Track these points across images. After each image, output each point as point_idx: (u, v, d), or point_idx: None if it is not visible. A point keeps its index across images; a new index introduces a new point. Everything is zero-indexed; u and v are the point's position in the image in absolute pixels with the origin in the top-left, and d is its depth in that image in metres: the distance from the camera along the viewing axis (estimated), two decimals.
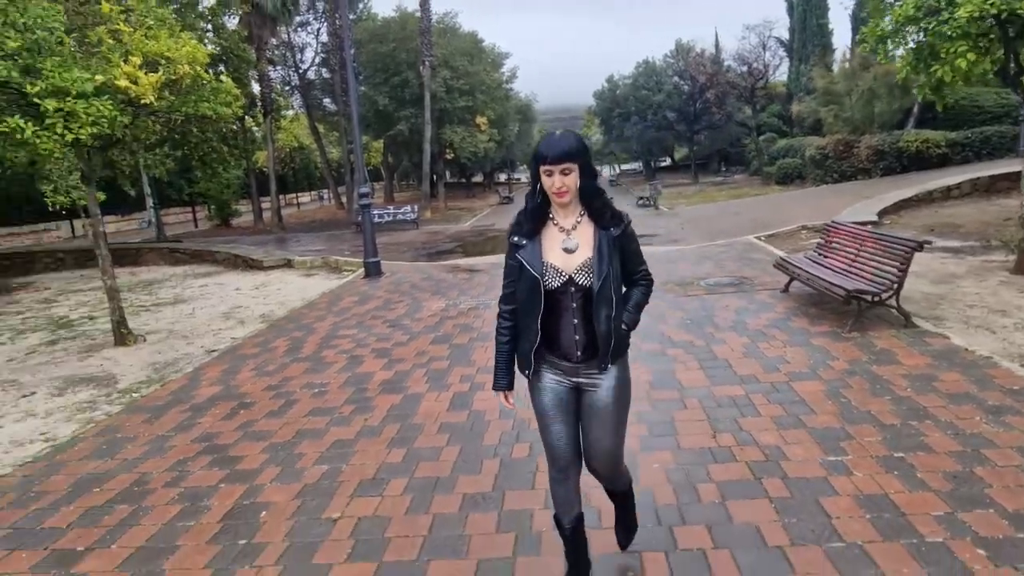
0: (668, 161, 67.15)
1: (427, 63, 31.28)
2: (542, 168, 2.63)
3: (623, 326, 2.81)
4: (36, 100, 7.61)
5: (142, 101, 8.35)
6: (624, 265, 2.81)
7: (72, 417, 6.27)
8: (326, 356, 7.47)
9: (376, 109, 34.86)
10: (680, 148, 60.43)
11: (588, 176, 2.68)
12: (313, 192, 55.78)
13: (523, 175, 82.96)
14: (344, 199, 37.76)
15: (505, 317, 2.89)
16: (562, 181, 2.62)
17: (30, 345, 9.66)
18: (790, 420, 4.83)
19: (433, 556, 3.51)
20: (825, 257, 8.34)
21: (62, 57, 7.96)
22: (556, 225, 2.76)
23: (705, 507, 3.79)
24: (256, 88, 30.12)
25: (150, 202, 28.96)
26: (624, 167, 74.97)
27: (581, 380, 2.84)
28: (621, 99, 49.88)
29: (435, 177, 37.98)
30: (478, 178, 63.02)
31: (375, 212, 25.99)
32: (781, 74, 42.30)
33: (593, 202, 2.72)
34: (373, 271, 12.95)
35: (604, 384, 2.82)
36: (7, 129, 7.47)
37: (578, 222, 2.75)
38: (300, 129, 48.26)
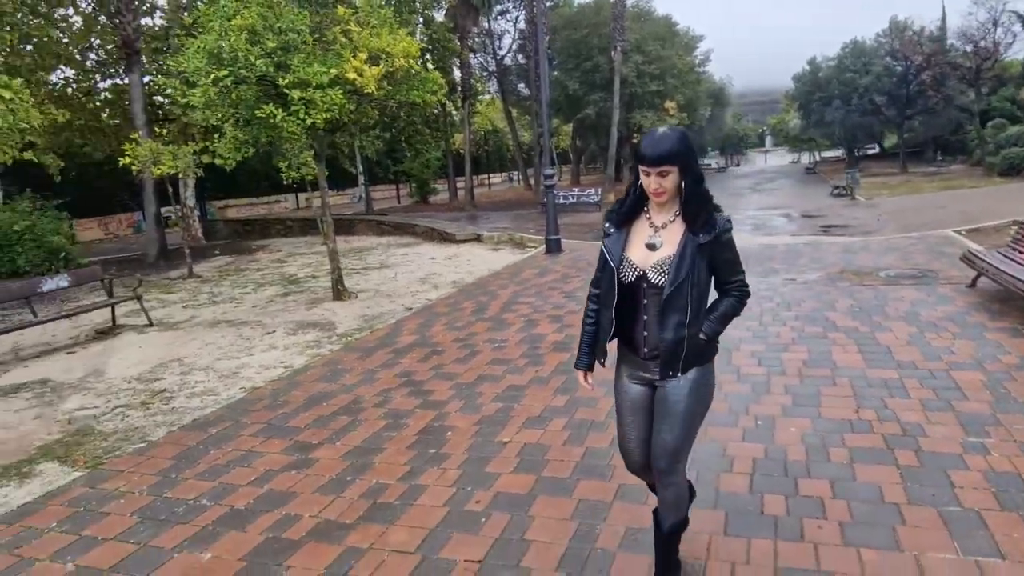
0: (876, 149, 62.18)
1: (619, 48, 31.63)
2: (640, 168, 2.63)
3: (701, 335, 2.72)
4: (285, 91, 9.19)
5: (365, 91, 9.73)
6: (716, 274, 2.73)
7: (303, 352, 7.70)
8: (507, 318, 8.41)
9: (566, 94, 35.82)
10: (890, 135, 55.76)
11: (690, 177, 2.61)
12: (504, 173, 58.23)
13: (713, 160, 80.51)
14: (532, 181, 39.25)
15: (592, 300, 2.91)
16: (659, 183, 2.60)
17: (268, 296, 11.59)
18: (939, 404, 4.96)
19: (583, 476, 4.21)
20: (1020, 253, 7.92)
21: (305, 54, 9.50)
22: (648, 220, 2.74)
23: (832, 466, 4.15)
24: (457, 74, 32.21)
25: (361, 179, 32.06)
26: (825, 154, 70.43)
27: (653, 378, 2.82)
28: (823, 82, 46.89)
29: (621, 160, 38.33)
30: None
31: (560, 194, 26.97)
32: (1015, 53, 37.66)
33: (690, 204, 2.64)
34: (554, 248, 13.83)
35: (682, 384, 2.76)
36: (263, 115, 9.13)
37: (671, 221, 2.69)
38: (494, 113, 50.54)
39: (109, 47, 20.60)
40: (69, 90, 20.88)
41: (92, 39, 20.52)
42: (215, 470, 4.65)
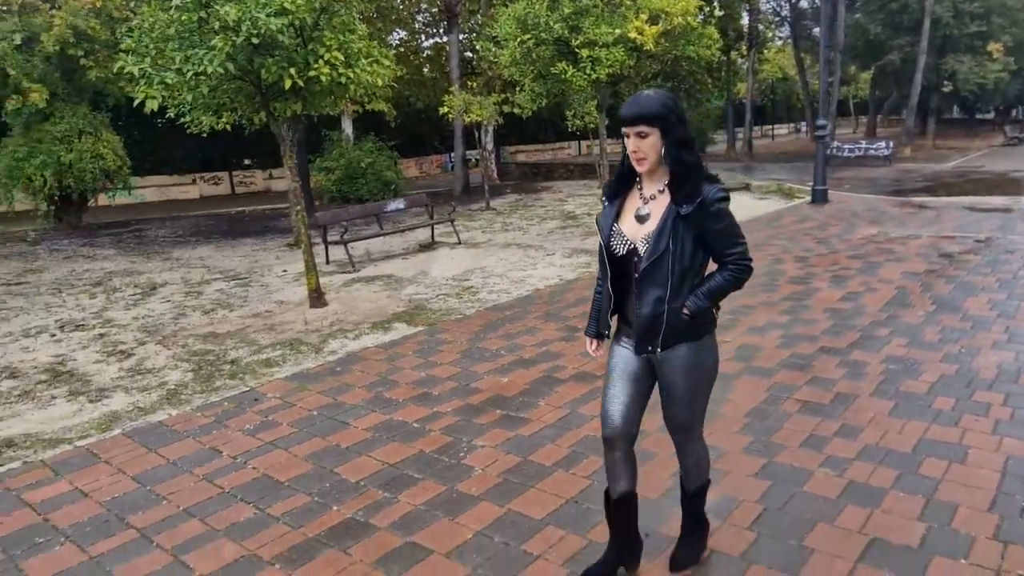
0: None
1: None
2: (621, 129, 2.55)
3: (684, 311, 2.57)
4: (576, 50, 10.79)
5: (644, 47, 10.98)
6: (710, 247, 2.59)
7: (575, 269, 9.42)
8: (755, 256, 9.29)
9: (867, 39, 33.19)
10: None
11: (674, 142, 2.50)
12: (790, 124, 55.33)
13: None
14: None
15: (600, 272, 2.85)
16: (636, 144, 2.51)
17: (550, 228, 13.58)
18: None
19: (784, 368, 5.28)
20: None
21: (595, 17, 10.97)
22: (640, 191, 2.65)
23: None
24: (745, 20, 31.58)
25: None
26: None
27: (648, 354, 2.71)
28: None
29: (926, 112, 34.72)
30: (987, 115, 54.13)
31: (845, 146, 25.75)
32: None
33: (674, 173, 2.53)
34: (819, 198, 14.00)
35: (676, 364, 2.66)
36: (556, 71, 10.84)
37: (660, 191, 2.58)
38: (785, 60, 48.11)
39: (433, 11, 24.05)
40: (401, 49, 24.84)
41: (421, 4, 24.12)
42: (509, 335, 6.50)
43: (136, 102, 7.23)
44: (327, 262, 10.82)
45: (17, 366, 6.51)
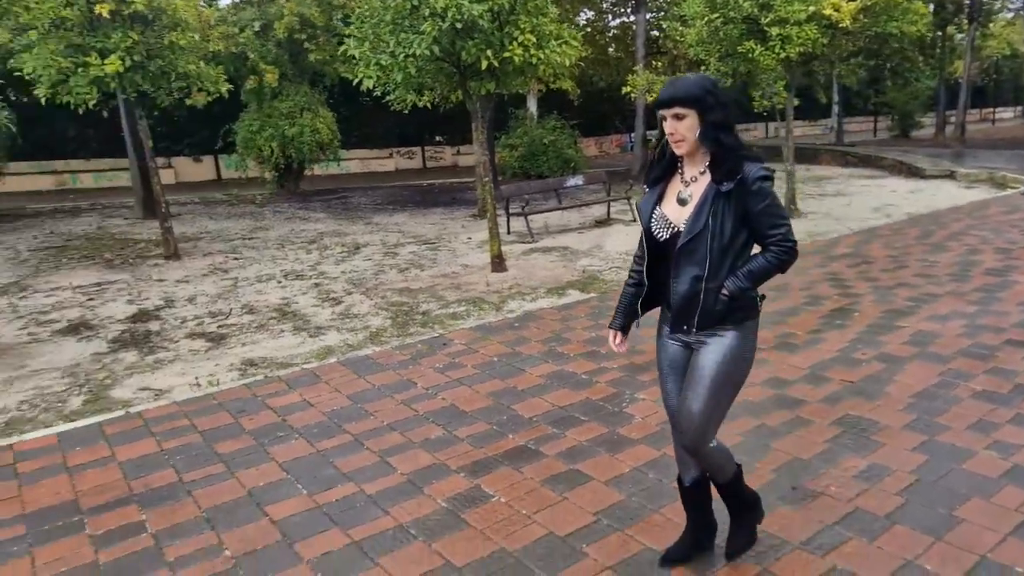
0: None
1: None
2: (659, 113, 2.56)
3: (723, 292, 2.53)
4: (765, 28, 10.58)
5: (840, 25, 10.53)
6: (754, 227, 2.54)
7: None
8: (949, 245, 8.78)
9: None
10: None
11: (712, 124, 2.48)
12: (1018, 107, 49.21)
13: None
14: None
15: (636, 261, 2.83)
16: (673, 126, 2.50)
17: None
18: None
19: (963, 357, 5.14)
20: None
21: None
22: (680, 175, 2.64)
23: None
24: None
25: (835, 110, 31.25)
26: None
27: (688, 339, 2.68)
28: None
29: None
30: None
31: None
32: None
33: (716, 153, 2.51)
34: None
35: (711, 347, 2.61)
36: (744, 50, 10.71)
37: (701, 173, 2.57)
38: (1015, 35, 42.73)
39: None
40: (588, 29, 25.19)
41: None
42: None
43: (355, 81, 8.23)
44: (508, 232, 11.55)
45: (254, 304, 7.76)
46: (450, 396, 4.83)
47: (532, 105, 20.85)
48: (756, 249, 2.62)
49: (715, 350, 2.59)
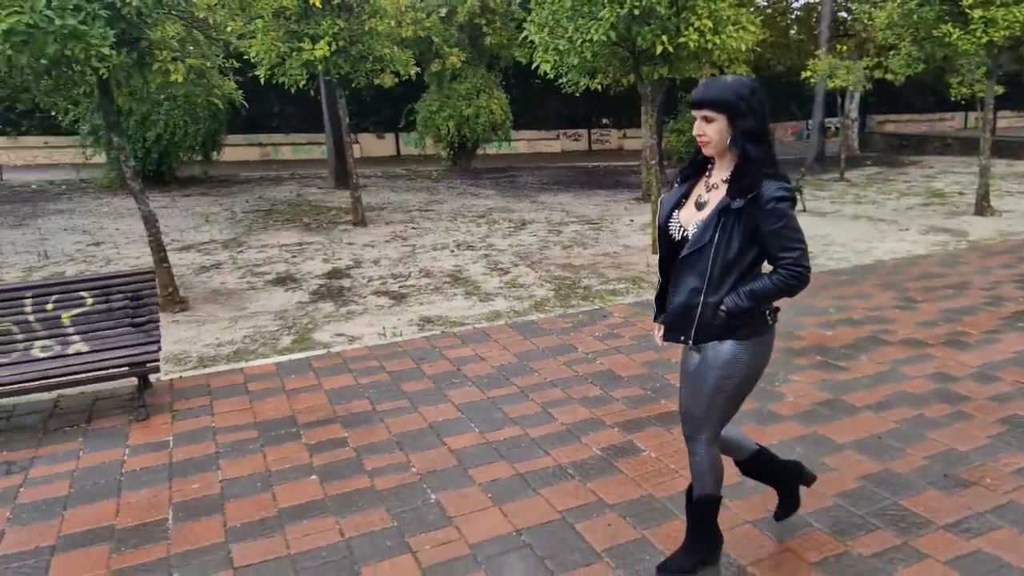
0: None
1: None
2: (692, 111, 2.53)
3: (722, 309, 2.48)
4: (966, 10, 9.85)
5: None
6: (765, 248, 2.45)
7: (928, 247, 8.93)
8: None
9: None
10: None
11: (742, 132, 2.41)
12: None
13: None
14: None
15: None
16: (701, 128, 2.46)
17: (908, 204, 12.68)
18: None
19: None
20: None
21: None
22: (707, 177, 2.59)
23: None
24: None
25: None
26: None
27: (682, 343, 2.66)
28: None
29: None
30: None
31: None
32: None
33: (739, 164, 2.46)
34: None
35: (715, 355, 2.55)
36: (940, 34, 10.05)
37: (724, 180, 2.51)
38: None
39: None
40: (769, 10, 24.22)
41: None
42: (840, 297, 6.68)
43: (534, 66, 8.70)
44: None
45: (430, 269, 8.50)
46: (607, 362, 5.18)
47: None
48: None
49: (718, 359, 2.54)
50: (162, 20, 5.87)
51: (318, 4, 9.71)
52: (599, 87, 9.73)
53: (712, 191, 2.53)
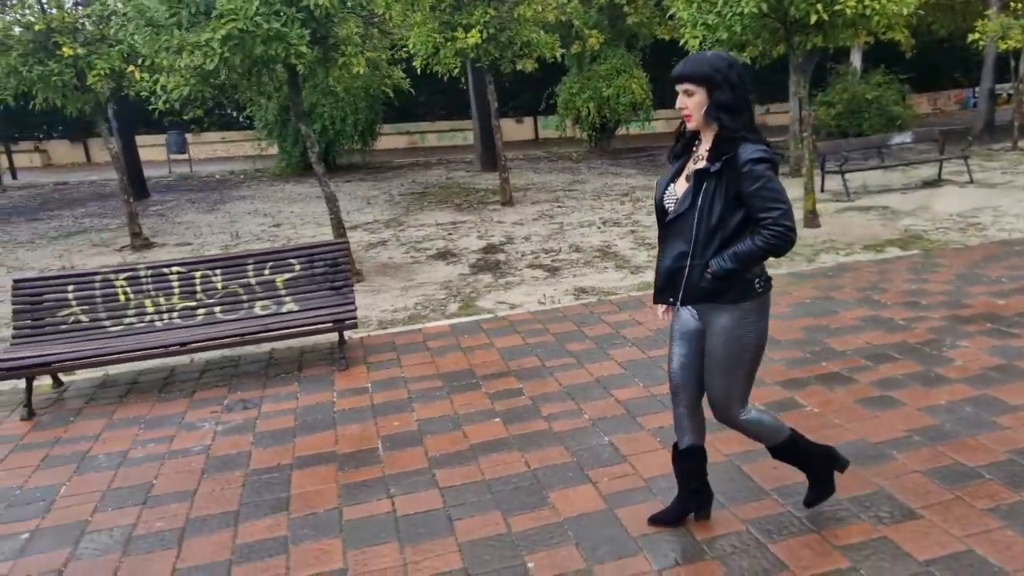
0: None
1: None
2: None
3: (707, 272, 2.56)
4: None
5: None
6: (749, 209, 2.53)
7: None
8: None
9: None
10: None
11: (720, 104, 2.50)
12: None
13: None
14: None
15: None
16: (683, 101, 2.56)
17: None
18: None
19: None
20: None
21: None
22: (695, 150, 2.69)
23: None
24: None
25: None
26: None
27: (686, 309, 2.75)
28: None
29: None
30: None
31: None
32: None
33: (717, 134, 2.55)
34: None
35: (715, 328, 2.66)
36: None
37: (708, 151, 2.60)
38: None
39: None
40: None
41: None
42: (1015, 267, 6.39)
43: (682, 41, 8.79)
44: (822, 190, 11.31)
45: (579, 244, 8.86)
46: None
47: (856, 59, 19.44)
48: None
49: (717, 333, 2.64)
50: (346, 18, 6.53)
51: None
52: (747, 61, 9.65)
53: (700, 162, 2.61)
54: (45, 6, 9.12)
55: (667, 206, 2.69)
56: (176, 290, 5.13)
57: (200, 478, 3.73)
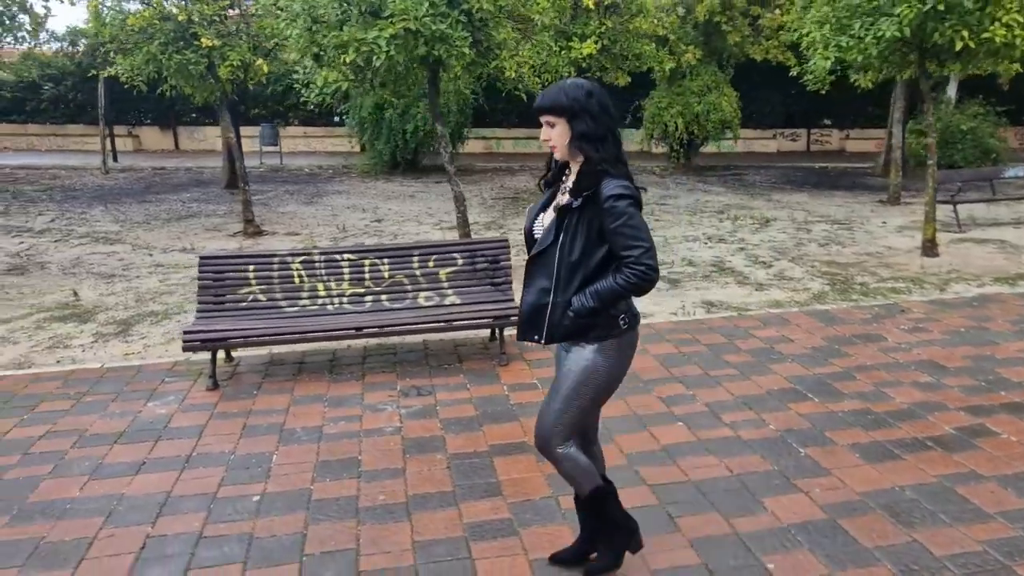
0: None
1: None
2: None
3: (569, 311, 2.49)
4: None
5: None
6: (611, 246, 2.45)
7: None
8: None
9: None
10: None
11: (582, 134, 2.44)
12: None
13: None
14: None
15: None
16: (546, 133, 2.51)
17: None
18: None
19: None
20: None
21: None
22: (564, 181, 2.61)
23: None
24: None
25: None
26: None
27: (535, 343, 2.61)
28: None
29: None
30: None
31: None
32: None
33: (581, 166, 2.49)
34: None
35: (572, 357, 2.57)
36: None
37: (571, 184, 2.55)
38: None
39: None
40: None
41: None
42: None
43: (811, 63, 8.76)
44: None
45: (690, 258, 8.86)
46: (924, 352, 5.27)
47: (952, 89, 19.06)
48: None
49: (574, 360, 2.55)
50: (502, 22, 6.68)
51: (591, 5, 10.38)
52: (870, 83, 9.57)
53: (565, 195, 2.55)
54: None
55: (536, 236, 2.62)
56: (346, 276, 5.30)
57: (403, 457, 3.85)
